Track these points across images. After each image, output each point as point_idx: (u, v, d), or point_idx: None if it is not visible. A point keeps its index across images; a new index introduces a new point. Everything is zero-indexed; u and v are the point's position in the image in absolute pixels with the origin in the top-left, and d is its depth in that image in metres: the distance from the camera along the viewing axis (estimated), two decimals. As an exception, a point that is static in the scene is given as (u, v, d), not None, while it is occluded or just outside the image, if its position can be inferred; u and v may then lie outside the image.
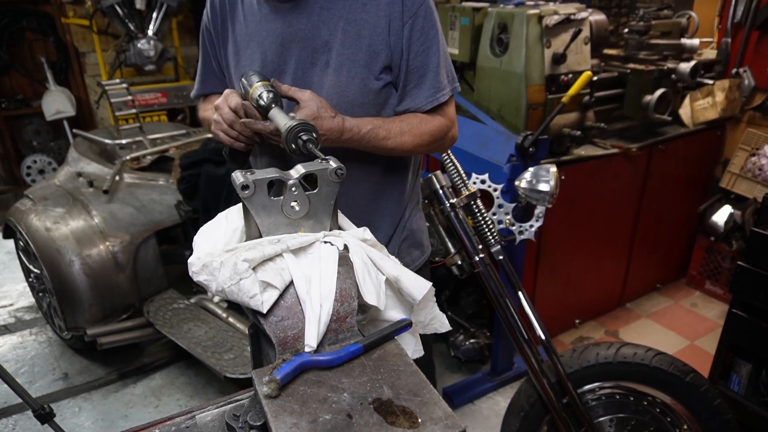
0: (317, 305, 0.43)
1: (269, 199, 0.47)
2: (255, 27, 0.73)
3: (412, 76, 0.73)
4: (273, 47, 0.72)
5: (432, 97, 0.75)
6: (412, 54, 0.72)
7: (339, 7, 0.70)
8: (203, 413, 0.46)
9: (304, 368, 0.42)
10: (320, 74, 0.72)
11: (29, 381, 1.67)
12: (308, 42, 0.71)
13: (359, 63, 0.71)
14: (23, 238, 1.65)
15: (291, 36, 0.71)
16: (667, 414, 1.02)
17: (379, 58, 0.71)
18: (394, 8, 0.70)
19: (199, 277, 0.44)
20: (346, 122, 0.69)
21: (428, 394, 0.40)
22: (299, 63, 0.72)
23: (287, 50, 0.72)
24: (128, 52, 2.74)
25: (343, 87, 0.71)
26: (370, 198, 0.80)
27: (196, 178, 1.62)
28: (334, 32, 0.70)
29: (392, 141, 0.72)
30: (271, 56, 0.72)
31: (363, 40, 0.70)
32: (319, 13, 0.70)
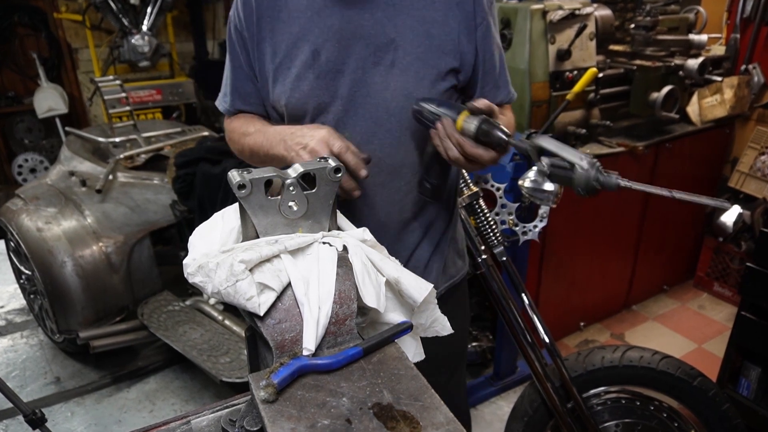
0: (315, 307, 0.42)
1: (266, 198, 0.46)
2: (304, 24, 0.66)
3: (489, 76, 0.71)
4: (328, 45, 0.65)
5: (508, 95, 0.74)
6: (487, 54, 0.69)
7: (406, 3, 0.65)
8: (199, 418, 0.45)
9: (302, 372, 0.41)
10: (384, 74, 0.66)
11: (20, 385, 1.64)
12: (371, 40, 0.65)
13: (428, 63, 0.66)
14: (14, 238, 1.63)
15: (351, 33, 0.65)
16: (674, 419, 1.01)
17: (447, 60, 0.67)
18: (465, 8, 0.66)
19: (195, 279, 0.43)
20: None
21: (429, 398, 0.39)
22: (360, 62, 0.66)
23: (345, 48, 0.65)
24: (122, 48, 2.71)
25: (411, 88, 0.66)
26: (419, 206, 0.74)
27: (192, 178, 1.61)
28: (402, 30, 0.65)
29: None
30: (326, 55, 0.66)
31: (432, 39, 0.66)
32: (384, 9, 0.65)
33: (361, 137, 0.67)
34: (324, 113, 0.68)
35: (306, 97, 0.67)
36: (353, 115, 0.68)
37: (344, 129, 0.67)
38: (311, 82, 0.67)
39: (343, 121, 0.68)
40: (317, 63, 0.66)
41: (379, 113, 0.67)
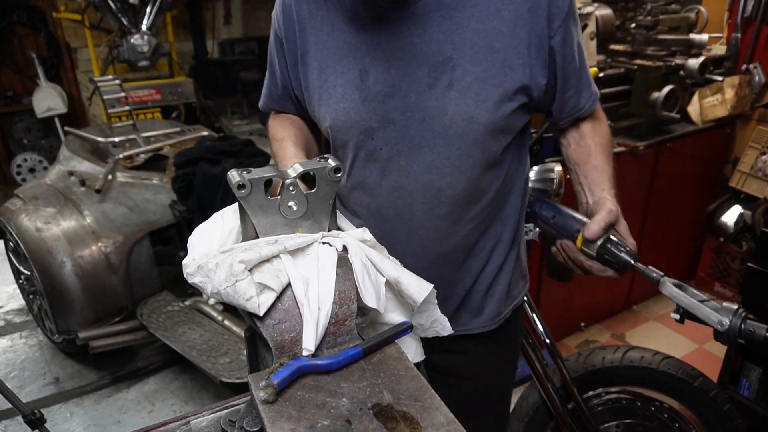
0: (315, 308, 0.42)
1: (266, 198, 0.46)
2: (349, 39, 0.59)
3: (569, 83, 0.63)
4: (376, 65, 0.59)
5: (591, 97, 0.66)
6: (567, 59, 0.60)
7: (465, 15, 0.56)
8: (198, 419, 0.45)
9: (302, 372, 0.41)
10: (440, 97, 0.59)
11: (19, 385, 1.64)
12: (425, 59, 0.58)
13: (491, 82, 0.58)
14: (13, 238, 1.62)
15: (401, 51, 0.58)
16: (675, 420, 1.01)
17: (515, 77, 0.58)
18: (537, 16, 0.57)
19: (194, 279, 0.43)
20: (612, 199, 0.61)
21: (429, 399, 0.39)
22: (413, 84, 0.59)
23: (396, 69, 0.58)
24: (121, 48, 2.70)
25: (472, 112, 0.58)
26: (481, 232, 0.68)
27: (191, 177, 1.60)
28: (460, 46, 0.57)
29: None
30: (374, 76, 0.59)
31: (497, 55, 0.57)
32: (440, 23, 0.57)
33: (417, 167, 0.61)
34: (372, 139, 0.61)
35: (352, 121, 0.61)
36: (407, 143, 0.61)
37: (398, 158, 0.61)
38: (358, 105, 0.60)
39: (396, 149, 0.61)
40: (365, 84, 0.60)
41: (437, 140, 0.60)
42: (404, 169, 0.61)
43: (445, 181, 0.62)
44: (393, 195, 0.63)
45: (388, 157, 0.62)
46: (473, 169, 0.62)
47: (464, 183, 0.63)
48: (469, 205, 0.65)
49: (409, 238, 0.65)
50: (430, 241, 0.65)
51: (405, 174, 0.62)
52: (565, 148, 0.71)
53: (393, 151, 0.62)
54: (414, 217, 0.63)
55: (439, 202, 0.63)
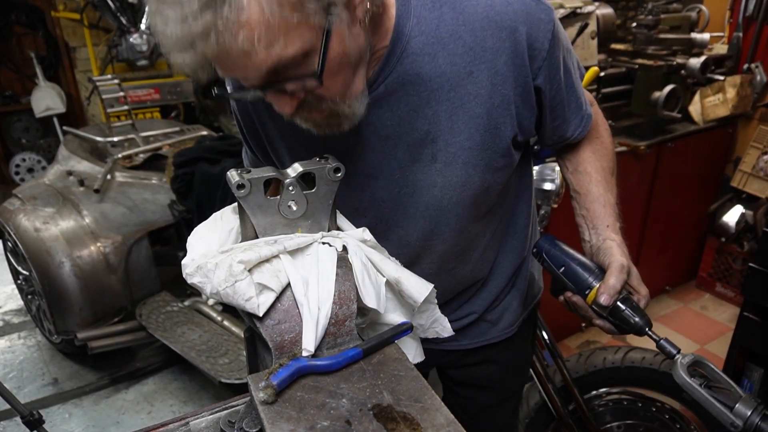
0: (315, 308, 0.42)
1: (265, 198, 0.46)
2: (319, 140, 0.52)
3: (556, 114, 0.58)
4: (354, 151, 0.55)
5: (581, 123, 0.61)
6: (554, 94, 0.56)
7: (433, 87, 0.51)
8: (197, 419, 0.45)
9: (302, 373, 0.40)
10: (426, 171, 0.55)
11: (18, 386, 1.63)
12: (401, 137, 0.54)
13: (478, 148, 0.54)
14: (11, 238, 1.62)
15: (375, 135, 0.54)
16: (677, 420, 1.01)
17: (503, 134, 0.54)
18: (516, 65, 0.52)
19: (193, 279, 0.42)
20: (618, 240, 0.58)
21: (429, 399, 0.39)
22: (394, 162, 0.55)
23: (373, 151, 0.55)
24: (120, 47, 2.69)
25: (462, 181, 0.55)
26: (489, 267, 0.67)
27: (191, 177, 1.60)
28: (435, 120, 0.53)
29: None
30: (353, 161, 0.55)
31: (478, 120, 0.53)
32: (407, 103, 0.52)
33: (417, 236, 0.59)
34: (364, 216, 0.59)
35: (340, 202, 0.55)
36: (402, 216, 0.59)
37: (396, 228, 0.59)
38: (349, 190, 0.56)
39: (392, 221, 0.59)
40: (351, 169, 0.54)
41: (431, 211, 0.58)
42: (403, 237, 0.60)
43: (449, 243, 0.61)
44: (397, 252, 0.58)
45: (384, 230, 0.60)
46: (474, 222, 0.61)
47: (467, 235, 0.61)
48: (475, 243, 0.63)
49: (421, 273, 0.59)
50: (441, 277, 0.62)
51: (406, 241, 0.60)
52: (563, 169, 0.67)
53: (389, 224, 0.60)
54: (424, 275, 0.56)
55: (447, 259, 0.62)
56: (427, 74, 0.52)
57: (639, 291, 0.57)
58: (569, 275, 0.56)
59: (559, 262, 0.57)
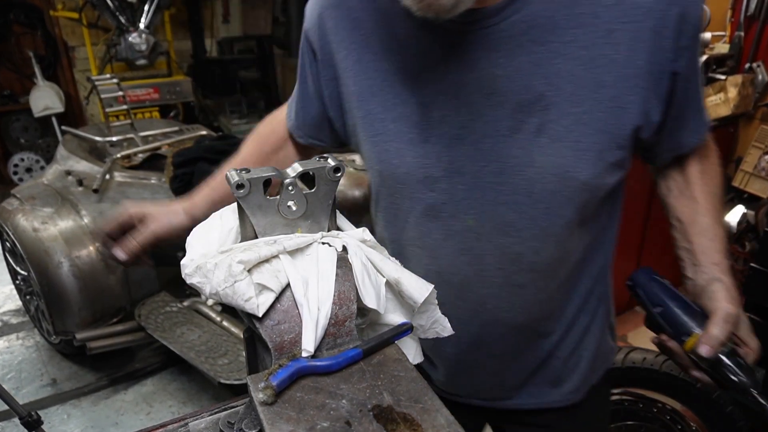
0: (315, 308, 0.42)
1: (265, 198, 0.45)
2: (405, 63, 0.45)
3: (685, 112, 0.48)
4: (441, 99, 0.45)
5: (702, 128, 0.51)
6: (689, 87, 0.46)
7: (565, 39, 0.42)
8: (196, 420, 0.45)
9: (302, 374, 0.40)
10: (526, 145, 0.45)
11: (16, 387, 1.63)
12: (508, 96, 0.44)
13: (595, 126, 0.44)
14: (10, 238, 1.61)
15: (476, 85, 0.44)
16: (678, 421, 1.01)
17: (628, 118, 0.44)
18: (662, 36, 0.42)
19: (193, 280, 0.42)
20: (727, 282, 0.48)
21: (430, 400, 0.39)
22: (489, 127, 0.45)
23: (468, 106, 0.45)
24: (119, 46, 2.69)
25: (568, 164, 0.44)
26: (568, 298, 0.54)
27: (190, 177, 1.60)
28: (556, 80, 0.43)
29: None
30: (438, 112, 0.45)
31: (604, 91, 0.43)
32: (530, 50, 0.42)
33: (491, 227, 0.48)
34: (433, 191, 0.48)
35: (407, 166, 0.48)
36: (479, 198, 0.47)
37: (465, 215, 0.48)
38: (416, 147, 0.47)
39: (464, 205, 0.48)
40: (427, 121, 0.46)
41: (519, 197, 0.46)
42: (474, 229, 0.48)
43: (527, 246, 0.48)
44: (459, 259, 0.50)
45: (453, 214, 0.49)
46: (563, 232, 0.48)
47: (551, 248, 0.49)
48: (556, 270, 0.51)
49: (479, 307, 0.52)
50: (504, 311, 0.52)
51: (475, 235, 0.49)
52: (664, 192, 0.56)
53: (460, 207, 0.48)
54: (486, 285, 0.50)
55: (519, 269, 0.50)
56: (562, 21, 0.41)
57: (747, 343, 0.49)
58: (667, 317, 0.48)
59: (657, 300, 0.50)
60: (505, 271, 0.50)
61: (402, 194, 0.51)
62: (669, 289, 0.52)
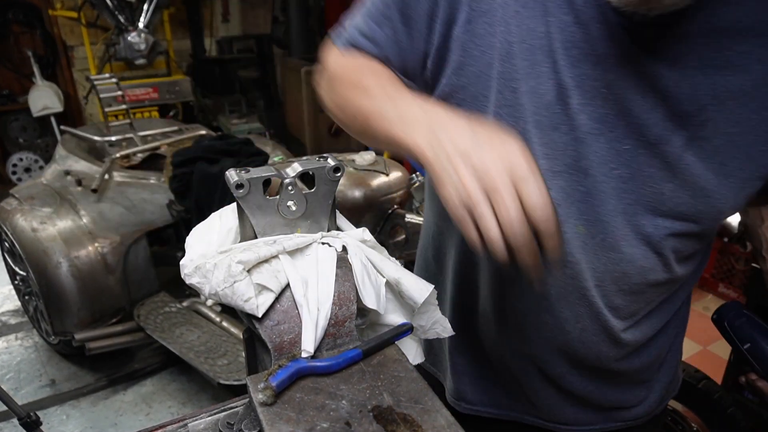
0: (314, 309, 0.42)
1: (265, 198, 0.45)
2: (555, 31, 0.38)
3: None
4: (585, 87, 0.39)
5: None
6: None
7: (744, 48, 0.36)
8: (196, 421, 0.44)
9: (301, 374, 0.40)
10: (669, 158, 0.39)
11: (15, 387, 1.62)
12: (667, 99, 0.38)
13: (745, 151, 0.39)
14: (9, 238, 1.61)
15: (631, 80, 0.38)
16: (679, 422, 1.00)
17: None
18: None
19: (192, 280, 0.42)
20: None
21: (430, 401, 0.39)
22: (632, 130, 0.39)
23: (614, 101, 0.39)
24: (118, 46, 2.69)
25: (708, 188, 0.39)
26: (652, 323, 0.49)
27: (189, 177, 1.59)
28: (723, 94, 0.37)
29: None
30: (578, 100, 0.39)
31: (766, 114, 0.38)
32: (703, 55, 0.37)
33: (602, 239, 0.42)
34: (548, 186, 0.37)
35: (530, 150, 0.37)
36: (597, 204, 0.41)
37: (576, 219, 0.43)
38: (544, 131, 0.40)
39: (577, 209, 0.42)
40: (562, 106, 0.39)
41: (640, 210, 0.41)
42: (581, 237, 0.42)
43: (636, 266, 0.43)
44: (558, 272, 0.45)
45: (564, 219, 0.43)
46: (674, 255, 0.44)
47: (659, 272, 0.43)
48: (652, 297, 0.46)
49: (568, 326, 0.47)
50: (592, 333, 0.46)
51: (581, 244, 0.43)
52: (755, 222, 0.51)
53: (572, 211, 0.42)
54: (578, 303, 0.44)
55: (618, 290, 0.44)
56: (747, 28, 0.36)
57: None
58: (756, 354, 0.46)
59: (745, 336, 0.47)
60: (603, 290, 0.44)
61: None
62: (760, 325, 0.48)
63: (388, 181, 1.64)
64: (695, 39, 0.37)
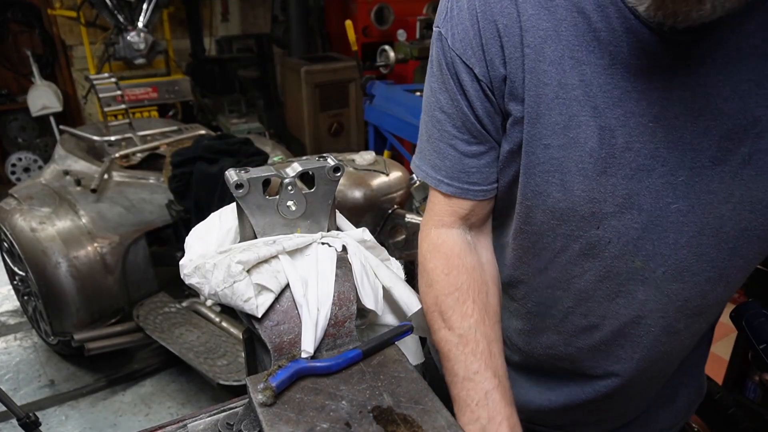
0: (314, 309, 0.42)
1: (264, 198, 0.45)
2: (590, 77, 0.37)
3: None
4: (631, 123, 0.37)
5: None
6: None
7: None
8: (195, 422, 0.44)
9: (301, 375, 0.40)
10: (727, 179, 0.38)
11: (14, 388, 1.62)
12: (718, 121, 0.36)
13: None
14: (7, 239, 1.60)
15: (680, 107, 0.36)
16: None
17: None
18: None
19: (191, 280, 0.42)
20: None
21: (430, 401, 0.38)
22: (687, 157, 0.37)
23: (665, 132, 0.37)
24: (117, 45, 2.68)
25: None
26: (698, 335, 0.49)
27: (188, 177, 1.59)
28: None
29: None
30: (624, 139, 0.37)
31: None
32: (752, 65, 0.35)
33: (663, 272, 0.41)
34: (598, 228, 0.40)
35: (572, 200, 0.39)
36: (655, 239, 0.40)
37: (633, 257, 0.41)
38: (588, 180, 0.39)
39: (634, 246, 0.41)
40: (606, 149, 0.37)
41: (704, 238, 0.40)
42: (640, 272, 0.41)
43: (698, 290, 0.42)
44: (613, 304, 0.43)
45: (617, 255, 0.41)
46: (738, 274, 0.43)
47: (720, 290, 0.43)
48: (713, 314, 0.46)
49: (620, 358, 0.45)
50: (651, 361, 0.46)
51: (640, 279, 0.42)
52: None
53: (628, 248, 0.41)
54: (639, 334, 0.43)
55: (681, 315, 0.43)
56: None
57: None
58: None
59: (763, 335, 0.46)
60: (666, 320, 0.43)
61: (555, 232, 0.43)
62: None
63: (388, 181, 1.64)
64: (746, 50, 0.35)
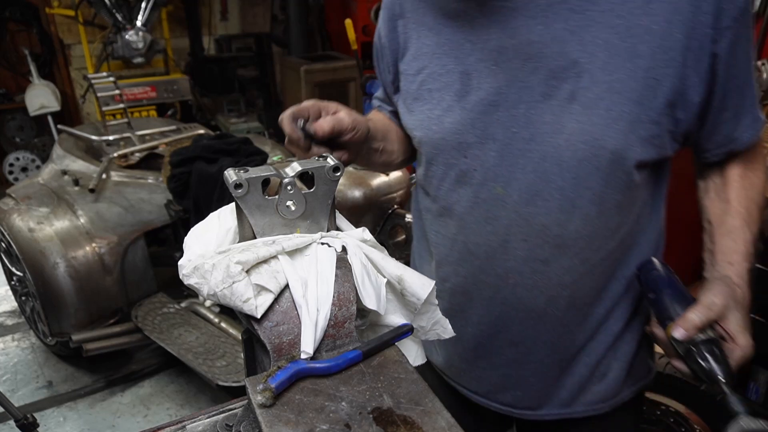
0: (314, 310, 0.41)
1: (264, 198, 0.45)
2: (453, 34, 0.49)
3: (728, 103, 0.48)
4: (481, 67, 0.48)
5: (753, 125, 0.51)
6: (731, 73, 0.46)
7: (602, 8, 0.44)
8: (194, 423, 0.44)
9: (301, 376, 0.40)
10: (558, 111, 0.46)
11: (11, 389, 1.62)
12: (543, 62, 0.46)
13: (628, 96, 0.44)
14: (5, 239, 1.60)
15: (514, 51, 0.46)
16: (681, 424, 1.00)
17: (662, 91, 0.44)
18: (701, 10, 0.43)
19: (190, 280, 0.42)
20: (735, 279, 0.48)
21: (430, 403, 0.38)
22: (524, 93, 0.47)
23: (505, 72, 0.47)
24: (116, 44, 2.68)
25: (598, 132, 0.45)
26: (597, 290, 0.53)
27: (187, 177, 1.59)
28: (591, 48, 0.44)
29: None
30: (477, 80, 0.48)
31: (639, 61, 0.44)
32: (567, 17, 0.44)
33: (518, 196, 0.49)
34: (465, 157, 0.50)
35: (444, 132, 0.50)
36: (509, 165, 0.49)
37: (494, 183, 0.50)
38: (454, 114, 0.49)
39: (494, 173, 0.50)
40: (465, 89, 0.49)
41: (547, 165, 0.47)
42: (501, 197, 0.49)
43: (553, 217, 0.49)
44: (485, 228, 0.51)
45: (482, 181, 0.50)
46: (591, 206, 0.48)
47: (577, 223, 0.49)
48: (581, 252, 0.50)
49: (501, 282, 0.52)
50: (526, 289, 0.52)
51: (502, 203, 0.50)
52: (702, 194, 0.56)
53: (489, 175, 0.50)
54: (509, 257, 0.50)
55: (543, 242, 0.50)
56: None
57: (736, 339, 0.47)
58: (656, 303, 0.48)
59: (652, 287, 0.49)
60: (529, 244, 0.50)
61: (437, 161, 0.53)
62: (669, 278, 0.51)
63: (388, 180, 1.64)
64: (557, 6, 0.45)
